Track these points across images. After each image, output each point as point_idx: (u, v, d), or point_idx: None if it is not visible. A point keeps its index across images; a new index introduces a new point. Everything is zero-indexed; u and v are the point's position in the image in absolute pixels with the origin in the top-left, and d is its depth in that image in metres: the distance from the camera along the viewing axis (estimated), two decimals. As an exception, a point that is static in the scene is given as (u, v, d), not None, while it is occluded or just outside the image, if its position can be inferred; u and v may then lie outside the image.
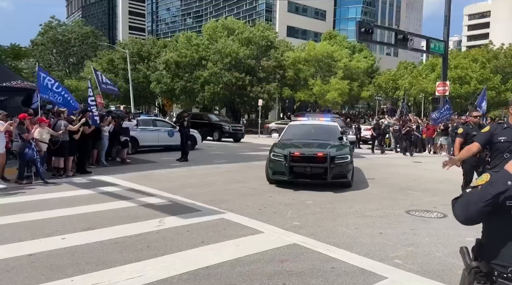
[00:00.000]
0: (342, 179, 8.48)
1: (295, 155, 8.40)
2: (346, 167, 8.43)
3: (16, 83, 12.98)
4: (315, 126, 10.63)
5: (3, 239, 4.99)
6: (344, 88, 35.25)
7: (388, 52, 76.79)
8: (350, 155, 8.62)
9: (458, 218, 1.76)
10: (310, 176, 8.38)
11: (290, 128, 10.58)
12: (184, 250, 4.68)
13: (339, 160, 8.39)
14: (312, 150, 8.65)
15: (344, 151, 8.69)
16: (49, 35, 53.63)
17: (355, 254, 4.64)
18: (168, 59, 35.32)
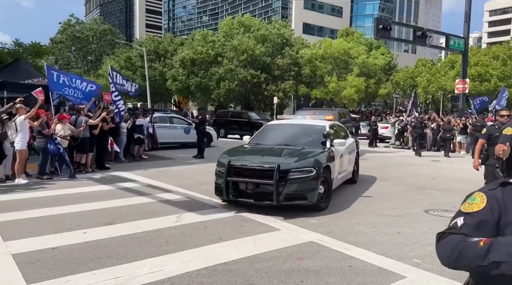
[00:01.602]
0: (300, 201, 6.19)
1: (236, 166, 6.38)
2: (306, 184, 6.11)
3: (37, 80, 13.29)
4: (295, 127, 8.30)
5: (27, 232, 5.14)
6: (361, 85, 34.90)
7: (406, 49, 75.63)
8: (317, 167, 6.27)
9: (441, 261, 1.46)
10: (254, 196, 6.24)
11: (265, 129, 8.41)
12: (202, 246, 4.73)
13: (296, 175, 6.10)
14: (261, 160, 6.40)
15: (307, 162, 6.32)
16: (68, 33, 54.52)
17: (373, 253, 4.61)
18: (184, 56, 35.56)
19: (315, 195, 6.24)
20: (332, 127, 8.27)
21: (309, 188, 6.19)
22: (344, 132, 9.09)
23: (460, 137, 17.75)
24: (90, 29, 56.27)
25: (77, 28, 55.90)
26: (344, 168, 8.01)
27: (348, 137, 9.09)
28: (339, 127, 8.95)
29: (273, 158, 6.51)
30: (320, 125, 8.06)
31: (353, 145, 9.06)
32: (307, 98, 43.66)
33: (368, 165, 12.87)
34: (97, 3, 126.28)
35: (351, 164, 8.71)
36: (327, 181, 6.67)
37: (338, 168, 7.42)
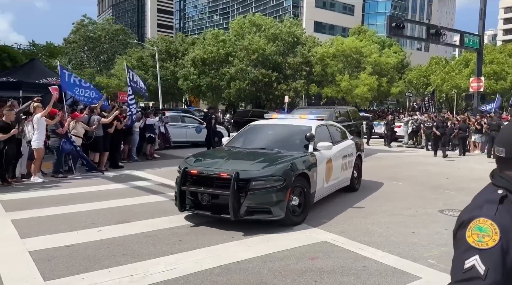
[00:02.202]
0: (263, 215, 5.31)
1: (193, 173, 5.58)
2: (271, 195, 5.22)
3: (52, 80, 13.49)
4: (278, 128, 7.36)
5: (43, 230, 5.22)
6: (373, 84, 34.59)
7: (419, 47, 74.77)
8: (287, 176, 5.35)
9: None
10: (211, 208, 5.43)
11: (246, 130, 7.50)
12: (215, 245, 4.74)
13: (260, 185, 5.23)
14: (222, 166, 5.56)
15: (275, 169, 5.38)
16: (81, 33, 55.18)
17: (387, 253, 4.57)
18: (195, 56, 35.71)
19: (283, 208, 5.26)
20: (323, 128, 7.24)
21: (275, 200, 5.24)
22: (340, 133, 8.07)
23: (475, 137, 17.47)
24: (102, 29, 56.87)
25: (89, 28, 56.53)
26: (336, 174, 6.91)
27: (346, 139, 8.02)
28: (333, 128, 7.84)
29: (238, 163, 5.63)
30: (306, 126, 6.93)
31: (350, 148, 7.86)
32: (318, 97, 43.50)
33: (381, 164, 12.78)
34: (109, 3, 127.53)
35: (348, 169, 7.55)
36: (303, 192, 5.69)
37: (324, 175, 6.41)
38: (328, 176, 6.60)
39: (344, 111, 14.52)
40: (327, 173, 6.53)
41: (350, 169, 7.68)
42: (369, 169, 11.53)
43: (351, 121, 14.17)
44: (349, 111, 14.93)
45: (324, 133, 7.17)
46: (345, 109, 14.95)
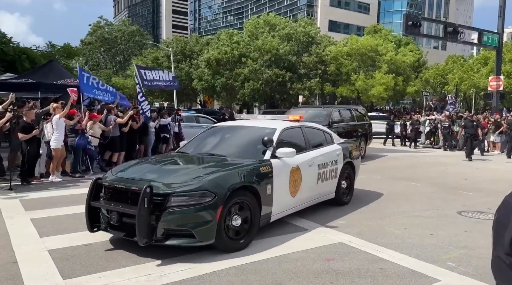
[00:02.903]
0: (184, 239, 4.27)
1: (105, 185, 4.71)
2: (195, 215, 4.18)
3: (69, 81, 13.71)
4: (238, 130, 6.39)
5: (61, 229, 5.30)
6: (390, 83, 34.16)
7: (436, 46, 73.62)
8: (217, 190, 4.29)
9: None
10: (124, 228, 4.43)
11: (206, 132, 6.60)
12: (230, 245, 4.73)
13: (180, 201, 4.21)
14: (141, 177, 4.63)
15: (202, 182, 4.34)
16: (97, 34, 56.02)
17: (405, 255, 4.50)
18: (210, 57, 35.87)
19: (212, 231, 4.22)
20: (294, 131, 6.14)
21: (200, 220, 4.17)
22: (322, 137, 6.77)
23: (494, 137, 17.11)
24: (118, 30, 57.62)
25: (106, 29, 57.34)
26: (309, 186, 5.78)
27: (330, 143, 6.74)
28: (311, 130, 6.55)
29: (164, 174, 4.71)
30: (270, 128, 5.86)
31: (334, 154, 6.54)
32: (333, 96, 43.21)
33: (398, 165, 12.63)
34: (125, 5, 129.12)
35: (330, 179, 6.36)
36: (249, 209, 4.65)
37: (289, 188, 5.33)
38: (295, 188, 5.44)
39: (346, 111, 13.60)
40: (293, 185, 5.40)
41: (334, 179, 6.46)
42: (385, 169, 11.45)
43: (355, 121, 13.41)
44: (352, 111, 14.02)
45: (296, 137, 6.06)
46: (347, 109, 14.08)
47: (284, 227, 5.51)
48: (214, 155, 5.51)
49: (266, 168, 5.03)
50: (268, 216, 5.03)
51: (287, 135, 5.88)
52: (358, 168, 7.47)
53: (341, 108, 14.14)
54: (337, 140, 7.03)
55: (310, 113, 12.77)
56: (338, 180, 6.59)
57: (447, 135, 18.04)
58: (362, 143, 13.37)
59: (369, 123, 14.75)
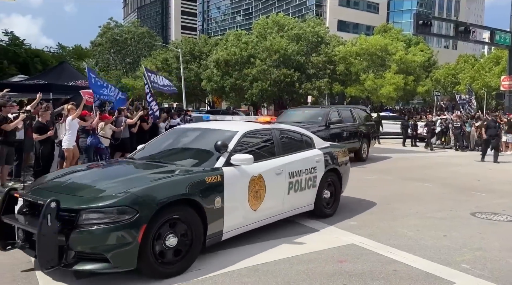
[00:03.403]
0: (97, 264, 3.51)
1: (16, 197, 4.07)
2: (109, 235, 3.47)
3: (80, 82, 13.85)
4: (196, 133, 5.60)
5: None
6: (400, 83, 33.88)
7: (446, 45, 72.89)
8: (140, 206, 3.58)
9: None
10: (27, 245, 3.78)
11: (162, 135, 6.23)
12: (241, 246, 4.73)
13: (93, 219, 3.51)
14: (58, 189, 4.00)
15: (125, 195, 3.64)
16: (108, 35, 56.51)
17: (418, 257, 4.45)
18: (218, 58, 35.97)
19: (131, 255, 3.52)
20: (261, 134, 5.44)
21: (115, 243, 3.46)
22: (299, 141, 5.97)
23: (507, 136, 16.87)
24: (128, 31, 58.07)
25: (116, 31, 57.82)
26: (276, 198, 5.09)
27: (308, 148, 5.95)
28: (284, 134, 5.76)
29: (83, 184, 4.07)
30: (231, 131, 5.12)
31: (312, 161, 5.72)
32: (342, 96, 43.03)
33: (409, 165, 12.52)
34: (134, 6, 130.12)
35: (307, 189, 5.57)
36: (189, 227, 3.97)
37: (248, 200, 4.64)
38: (257, 200, 4.75)
39: (346, 111, 13.03)
40: (254, 196, 4.71)
41: (312, 189, 5.66)
42: (396, 169, 11.36)
43: (356, 122, 12.86)
44: (354, 111, 13.36)
45: (263, 141, 5.42)
46: (348, 109, 13.48)
47: (294, 227, 5.49)
48: (160, 161, 4.81)
49: (214, 178, 4.28)
50: (218, 234, 4.31)
51: (250, 139, 5.19)
52: (346, 175, 6.61)
53: (341, 108, 13.63)
54: (319, 145, 6.18)
55: (307, 114, 12.45)
56: (319, 190, 5.77)
57: (459, 136, 17.85)
58: (365, 145, 13.04)
59: (372, 124, 14.28)
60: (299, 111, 13.16)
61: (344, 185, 6.57)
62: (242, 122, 5.90)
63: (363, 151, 13.02)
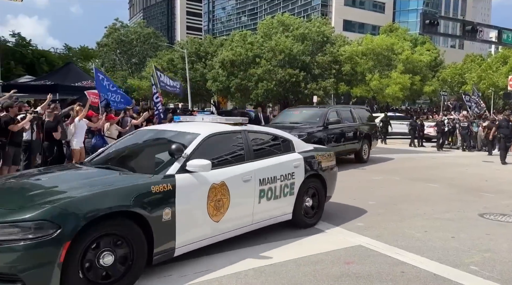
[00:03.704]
0: None
1: None
2: (24, 254, 3.02)
3: (87, 83, 13.93)
4: (158, 135, 5.19)
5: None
6: (406, 83, 33.68)
7: (453, 45, 72.40)
8: (64, 221, 3.14)
9: None
10: None
11: (125, 137, 5.67)
12: (248, 247, 4.72)
13: (7, 234, 3.07)
14: None
15: (43, 208, 3.18)
16: (114, 36, 56.77)
17: (426, 259, 4.41)
18: (224, 58, 36.00)
19: (50, 277, 3.06)
20: (227, 137, 4.88)
21: (31, 263, 3.03)
22: (275, 143, 5.43)
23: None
24: (134, 32, 58.31)
25: (122, 31, 58.07)
26: (242, 207, 4.59)
27: (286, 152, 5.37)
28: (256, 136, 5.25)
29: (5, 194, 3.76)
30: (191, 133, 4.64)
31: (289, 166, 5.18)
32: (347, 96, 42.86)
33: (416, 166, 12.44)
34: (140, 7, 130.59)
35: (283, 198, 5.07)
36: (129, 243, 3.53)
37: (208, 211, 4.17)
38: (218, 210, 4.26)
39: (345, 111, 12.64)
40: (214, 206, 4.23)
41: (289, 197, 5.14)
42: (403, 170, 11.28)
43: (356, 122, 12.46)
44: (354, 111, 12.93)
45: (230, 144, 4.88)
46: (347, 109, 13.07)
47: (301, 228, 5.45)
48: (109, 167, 4.39)
49: (163, 187, 3.80)
50: (169, 250, 3.85)
51: (215, 142, 4.64)
52: (332, 181, 6.03)
53: (340, 108, 13.31)
54: (299, 148, 5.62)
55: (305, 114, 12.21)
56: (297, 198, 5.25)
57: (466, 136, 17.71)
58: (365, 146, 12.73)
59: (373, 124, 13.92)
60: (297, 112, 12.86)
61: (330, 191, 5.98)
62: (208, 124, 5.23)
63: (364, 152, 12.74)
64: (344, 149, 11.79)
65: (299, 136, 9.44)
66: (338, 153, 11.33)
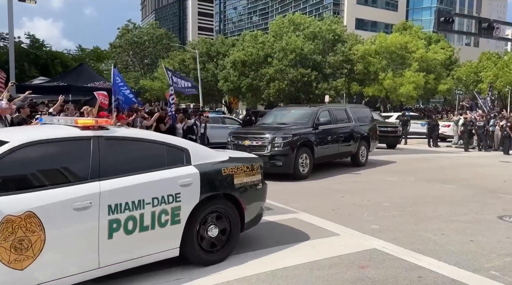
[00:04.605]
0: None
1: None
2: None
3: (99, 83, 14.01)
4: None
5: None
6: (420, 82, 33.16)
7: (468, 43, 71.22)
8: None
9: None
10: None
11: None
12: (259, 249, 4.63)
13: None
14: None
15: None
16: (127, 37, 57.29)
17: (444, 263, 4.25)
18: (235, 58, 35.99)
19: None
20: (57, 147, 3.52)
21: None
22: (147, 155, 3.99)
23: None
24: (147, 33, 58.77)
25: (135, 33, 58.58)
26: (69, 248, 3.27)
27: (169, 166, 3.99)
28: (115, 145, 3.79)
29: None
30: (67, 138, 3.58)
31: (171, 186, 3.85)
32: (360, 96, 42.45)
33: (431, 166, 12.19)
34: (152, 8, 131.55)
35: (159, 229, 3.73)
36: None
37: (5, 255, 2.98)
38: (22, 254, 3.05)
39: (339, 111, 11.59)
40: (14, 249, 3.02)
41: (172, 227, 3.83)
42: (418, 170, 11.06)
43: (352, 122, 11.49)
44: (350, 111, 11.85)
45: (63, 157, 3.57)
46: (342, 109, 11.98)
47: (314, 230, 5.35)
48: None
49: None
50: None
51: (35, 154, 3.39)
52: (254, 203, 4.64)
53: (333, 107, 12.16)
54: (199, 160, 4.21)
55: (294, 114, 11.24)
56: (187, 227, 3.93)
57: (482, 135, 17.34)
58: (363, 148, 11.74)
59: (373, 125, 12.75)
60: (285, 111, 11.95)
61: (251, 216, 4.57)
62: (31, 128, 4.10)
63: (361, 155, 11.69)
64: (337, 151, 10.93)
65: (284, 139, 9.25)
66: (331, 156, 10.84)
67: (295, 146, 9.35)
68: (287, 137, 9.27)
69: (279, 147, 9.21)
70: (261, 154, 8.51)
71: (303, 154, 9.54)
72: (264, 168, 4.88)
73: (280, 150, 9.20)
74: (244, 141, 9.60)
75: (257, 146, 9.36)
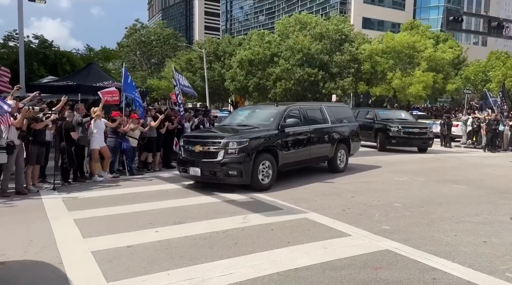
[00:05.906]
0: None
1: None
2: None
3: (108, 83, 14.03)
4: None
5: (103, 229, 5.36)
6: (429, 81, 32.90)
7: (476, 42, 70.59)
8: None
9: None
10: None
11: None
12: (271, 249, 4.62)
13: None
14: None
15: None
16: (135, 37, 57.53)
17: (458, 265, 4.21)
18: (242, 57, 35.98)
19: None
20: None
21: None
22: None
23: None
24: (154, 33, 58.97)
25: (142, 32, 58.81)
26: None
27: None
28: None
29: None
30: None
31: None
32: (367, 96, 42.24)
33: (441, 166, 12.09)
34: (159, 8, 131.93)
35: None
36: None
37: None
38: None
39: (313, 110, 10.25)
40: None
41: None
42: (428, 171, 10.96)
43: (327, 123, 10.18)
44: (325, 110, 10.46)
45: None
46: (317, 108, 10.52)
47: (325, 231, 5.33)
48: None
49: None
50: None
51: None
52: None
53: (306, 105, 10.49)
54: None
55: (258, 114, 9.84)
56: None
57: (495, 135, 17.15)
58: (342, 152, 10.48)
59: (354, 125, 11.43)
60: (249, 111, 10.49)
61: None
62: None
63: (339, 160, 10.43)
64: (308, 157, 9.53)
65: (239, 144, 7.78)
66: (301, 162, 9.39)
67: (253, 152, 7.89)
68: (242, 142, 7.81)
69: (233, 154, 7.70)
70: (213, 162, 7.69)
71: (265, 160, 8.09)
72: (217, 177, 5.14)
73: (234, 157, 7.68)
74: (195, 147, 8.06)
75: (209, 152, 7.88)
